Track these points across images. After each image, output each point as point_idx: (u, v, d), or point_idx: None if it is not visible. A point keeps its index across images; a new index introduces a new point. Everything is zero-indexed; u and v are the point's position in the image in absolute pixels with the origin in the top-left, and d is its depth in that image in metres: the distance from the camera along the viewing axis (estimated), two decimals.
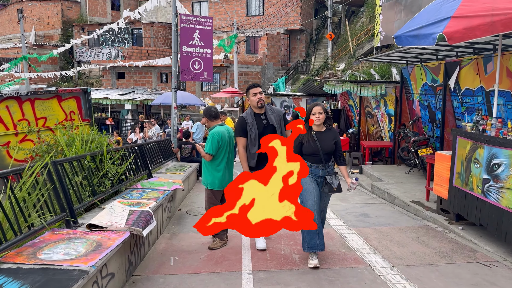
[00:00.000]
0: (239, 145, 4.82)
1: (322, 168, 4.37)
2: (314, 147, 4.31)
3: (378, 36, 21.10)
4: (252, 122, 4.77)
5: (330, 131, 4.49)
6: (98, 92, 24.96)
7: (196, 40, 10.47)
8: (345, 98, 14.28)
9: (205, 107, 5.80)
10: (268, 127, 4.78)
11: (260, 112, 4.84)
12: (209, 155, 5.05)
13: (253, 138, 4.75)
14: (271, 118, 4.84)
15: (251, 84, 4.84)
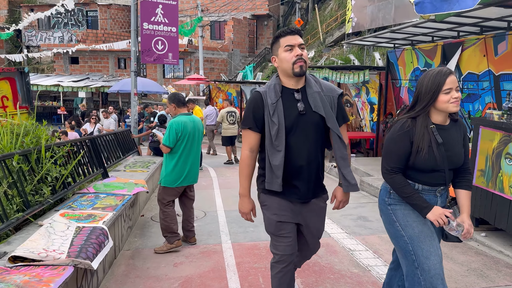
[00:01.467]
0: (244, 144, 2.56)
1: (441, 193, 2.40)
2: (439, 156, 2.28)
3: (350, 22, 20.38)
4: (277, 103, 2.43)
5: (456, 124, 2.40)
6: (49, 78, 22.81)
7: (159, 16, 9.16)
8: None
9: (171, 93, 4.73)
10: (307, 117, 2.43)
11: (295, 85, 2.47)
12: (165, 147, 4.43)
13: (276, 134, 2.41)
14: (315, 99, 2.44)
15: (284, 29, 2.47)
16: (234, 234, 5.01)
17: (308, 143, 2.44)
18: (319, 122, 2.44)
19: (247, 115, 2.51)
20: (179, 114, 4.58)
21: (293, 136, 2.42)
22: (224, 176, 9.28)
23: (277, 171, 2.41)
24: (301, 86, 2.47)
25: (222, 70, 24.25)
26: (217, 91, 18.15)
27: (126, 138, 8.77)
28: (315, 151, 2.48)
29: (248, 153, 2.54)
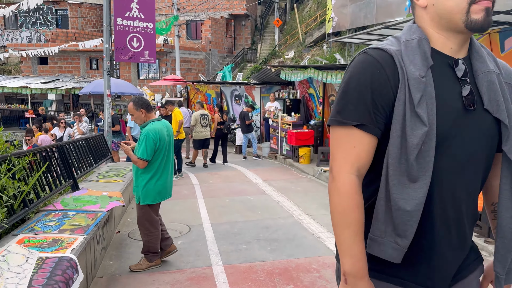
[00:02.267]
0: (340, 159, 1.22)
1: None
2: None
3: (330, 22, 20.10)
4: (426, 79, 1.16)
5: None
6: (16, 80, 21.54)
7: (135, 11, 8.46)
8: (305, 87, 12.93)
9: (135, 97, 4.09)
10: (477, 116, 1.21)
11: (456, 50, 1.23)
12: (142, 161, 3.85)
13: (419, 146, 1.13)
14: (493, 85, 1.22)
15: None
16: (226, 254, 4.41)
17: (469, 170, 1.22)
18: (493, 131, 1.23)
19: (351, 99, 1.19)
20: (150, 120, 4.00)
21: (448, 152, 1.18)
22: (207, 183, 8.66)
23: (406, 223, 1.15)
24: (464, 54, 1.25)
25: (199, 70, 23.54)
26: (196, 92, 17.45)
27: (99, 143, 8.03)
28: (475, 188, 1.26)
29: (353, 179, 1.20)
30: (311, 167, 9.93)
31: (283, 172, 9.89)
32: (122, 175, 6.66)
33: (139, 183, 3.96)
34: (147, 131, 3.89)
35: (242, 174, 9.65)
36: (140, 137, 3.94)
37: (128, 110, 4.00)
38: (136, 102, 3.95)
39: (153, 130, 3.92)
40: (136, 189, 3.96)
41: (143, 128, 3.96)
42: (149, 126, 3.92)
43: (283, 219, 5.68)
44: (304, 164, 10.36)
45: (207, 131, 10.31)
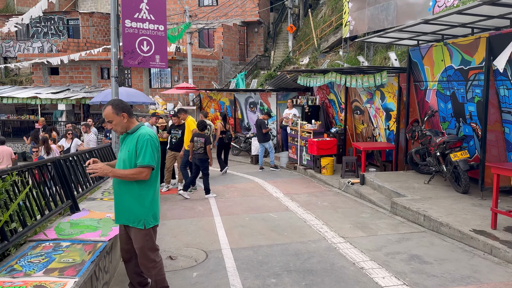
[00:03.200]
0: None
1: None
2: None
3: (347, 26, 19.35)
4: None
5: None
6: (26, 90, 21.22)
7: (144, 12, 7.83)
8: (325, 92, 12.16)
9: (114, 100, 3.34)
10: None
11: None
12: (148, 170, 3.11)
13: None
14: None
15: None
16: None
17: None
18: None
19: None
20: (139, 125, 3.29)
21: None
22: (223, 198, 7.91)
23: None
24: None
25: (212, 78, 22.95)
26: (209, 100, 16.81)
27: (106, 155, 7.37)
28: None
29: None
30: (336, 179, 9.12)
31: (305, 184, 9.10)
32: None
33: (142, 201, 3.18)
34: (146, 134, 3.18)
35: (261, 187, 8.89)
36: (140, 142, 3.18)
37: (105, 116, 3.19)
38: (116, 105, 3.19)
39: (151, 132, 3.26)
40: (137, 210, 3.15)
41: (131, 134, 3.23)
42: (142, 130, 3.21)
43: (315, 243, 4.89)
44: (327, 175, 9.56)
45: None
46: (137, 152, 3.12)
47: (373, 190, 7.51)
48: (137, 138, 3.16)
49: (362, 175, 7.97)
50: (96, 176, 4.44)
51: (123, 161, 3.18)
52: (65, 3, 33.69)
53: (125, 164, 3.16)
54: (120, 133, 3.25)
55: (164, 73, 22.51)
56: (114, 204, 3.20)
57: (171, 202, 7.68)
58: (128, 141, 3.22)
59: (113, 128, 3.22)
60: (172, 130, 8.58)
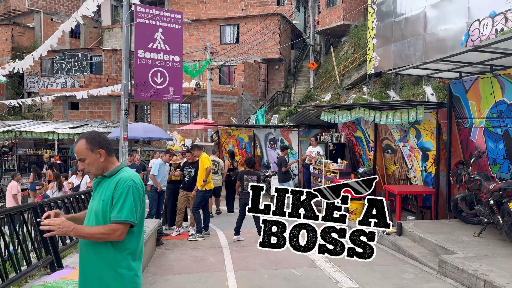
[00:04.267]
0: None
1: None
2: None
3: (372, 62, 18.74)
4: None
5: None
6: (44, 125, 21.11)
7: (159, 42, 7.31)
8: (351, 129, 11.33)
9: (89, 132, 2.59)
10: None
11: None
12: (124, 227, 2.34)
13: None
14: None
15: None
16: None
17: None
18: None
19: None
20: (120, 166, 2.55)
21: None
22: (239, 246, 7.01)
23: None
24: None
25: (231, 114, 22.48)
26: (227, 136, 16.16)
27: None
28: None
29: None
30: None
31: None
32: None
33: (118, 270, 2.35)
34: (129, 179, 2.42)
35: None
36: (117, 188, 2.40)
37: (77, 153, 2.48)
38: (91, 139, 2.47)
39: (136, 177, 2.49)
40: (112, 283, 2.31)
41: (109, 178, 2.46)
42: (124, 173, 2.45)
43: None
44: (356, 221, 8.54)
45: (218, 179, 9.58)
46: (113, 202, 2.35)
47: (413, 242, 6.47)
48: (115, 183, 2.40)
49: (399, 224, 6.96)
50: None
51: (94, 214, 2.41)
52: (91, 41, 34.52)
53: (97, 218, 2.39)
54: (94, 175, 2.50)
55: (183, 109, 22.19)
56: (79, 274, 2.39)
57: (180, 250, 6.80)
58: (103, 187, 2.46)
59: (86, 169, 2.48)
60: (185, 168, 7.82)
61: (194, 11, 32.11)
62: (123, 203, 2.36)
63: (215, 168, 9.74)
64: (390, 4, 17.41)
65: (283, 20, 25.89)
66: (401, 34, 16.52)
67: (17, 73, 30.85)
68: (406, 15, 16.23)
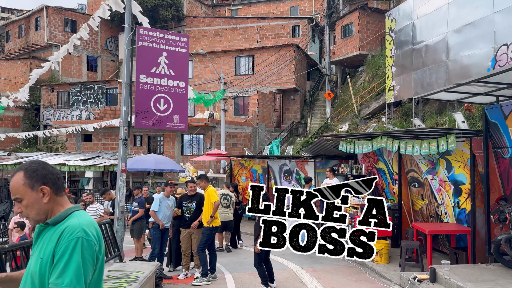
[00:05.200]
0: None
1: None
2: None
3: (391, 91, 18.04)
4: None
5: None
6: (56, 157, 20.87)
7: (163, 67, 6.79)
8: (372, 160, 10.51)
9: (32, 162, 1.85)
10: None
11: None
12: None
13: None
14: None
15: None
16: None
17: None
18: None
19: None
20: (69, 210, 1.88)
21: None
22: None
23: None
24: None
25: (246, 145, 21.87)
26: (240, 168, 15.46)
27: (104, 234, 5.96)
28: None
29: None
30: (393, 270, 7.17)
31: (354, 276, 7.18)
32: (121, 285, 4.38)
33: None
34: (78, 228, 1.74)
35: (297, 278, 7.06)
36: (60, 242, 1.72)
37: (12, 189, 1.82)
38: (31, 172, 1.82)
39: (90, 225, 1.81)
40: None
41: (53, 227, 1.78)
42: (73, 220, 1.76)
43: None
44: (381, 264, 7.61)
45: (229, 212, 9.32)
46: (54, 261, 1.66)
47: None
48: (59, 234, 1.72)
49: (432, 269, 6.01)
50: None
51: (30, 277, 1.73)
52: (108, 74, 34.99)
53: (33, 283, 1.73)
54: (35, 222, 1.83)
55: (196, 140, 21.72)
56: None
57: None
58: (45, 238, 1.78)
59: (24, 213, 1.82)
60: (183, 203, 7.04)
61: (210, 44, 32.32)
62: (67, 264, 1.67)
63: (227, 202, 9.29)
64: (409, 32, 16.88)
65: (298, 51, 25.63)
66: (421, 61, 15.88)
67: (34, 105, 31.32)
68: (426, 42, 15.63)
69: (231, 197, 9.44)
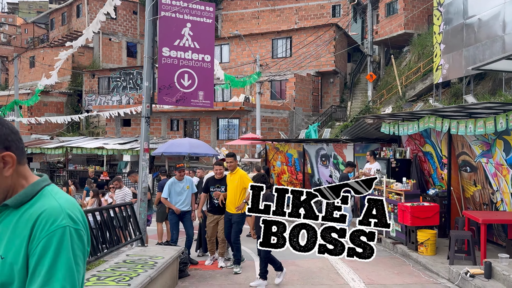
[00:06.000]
0: None
1: None
2: None
3: (439, 70, 16.75)
4: None
5: None
6: (95, 141, 21.21)
7: (187, 39, 6.31)
8: (418, 143, 9.63)
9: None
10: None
11: None
12: None
13: None
14: None
15: None
16: None
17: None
18: None
19: None
20: (41, 184, 1.33)
21: None
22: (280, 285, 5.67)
23: None
24: None
25: (282, 130, 21.28)
26: (275, 152, 14.92)
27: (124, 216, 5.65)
28: None
29: None
30: (441, 263, 6.44)
31: (396, 268, 6.50)
32: (130, 277, 4.00)
33: None
34: (62, 213, 1.23)
35: (332, 268, 6.48)
36: (37, 236, 1.20)
37: None
38: None
39: (73, 207, 1.29)
40: None
41: (16, 210, 1.26)
42: (50, 201, 1.26)
43: None
44: (427, 255, 6.87)
45: None
46: (28, 264, 1.19)
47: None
48: (31, 223, 1.23)
49: (487, 263, 5.24)
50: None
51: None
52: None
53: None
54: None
55: (232, 125, 21.37)
56: None
57: (206, 286, 5.60)
58: (5, 228, 1.25)
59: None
60: (211, 188, 6.56)
61: (247, 27, 31.71)
62: (53, 267, 1.16)
63: None
64: (459, 5, 15.49)
65: (339, 31, 24.48)
66: (473, 37, 14.53)
67: (76, 91, 32.15)
68: (479, 16, 14.26)
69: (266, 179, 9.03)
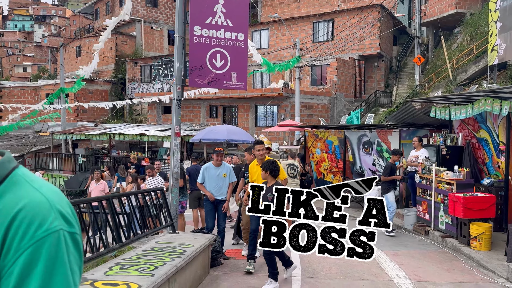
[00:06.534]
0: None
1: None
2: None
3: (495, 51, 15.45)
4: None
5: None
6: (137, 128, 21.56)
7: (220, 17, 5.97)
8: (471, 128, 8.82)
9: None
10: None
11: None
12: None
13: None
14: None
15: None
16: None
17: None
18: None
19: None
20: (7, 165, 0.90)
21: None
22: (314, 276, 5.33)
23: None
24: None
25: (322, 116, 20.63)
26: (314, 139, 14.39)
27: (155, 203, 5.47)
28: None
29: None
30: (497, 259, 5.80)
31: (446, 264, 5.94)
32: (155, 266, 3.77)
33: None
34: (50, 213, 0.82)
35: (375, 263, 6.00)
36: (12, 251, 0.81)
37: None
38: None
39: (61, 200, 0.89)
40: None
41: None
42: (29, 191, 0.86)
43: None
44: (480, 251, 6.23)
45: (296, 182, 8.72)
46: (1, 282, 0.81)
47: None
48: (6, 225, 0.83)
49: None
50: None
51: None
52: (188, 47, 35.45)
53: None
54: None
55: (270, 112, 20.98)
56: None
57: (238, 277, 5.34)
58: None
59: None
60: (245, 173, 6.26)
61: (288, 11, 30.92)
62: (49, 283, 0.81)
63: (293, 172, 8.59)
64: None
65: (384, 11, 23.24)
66: None
67: (120, 79, 32.88)
68: None
69: (297, 167, 8.85)
